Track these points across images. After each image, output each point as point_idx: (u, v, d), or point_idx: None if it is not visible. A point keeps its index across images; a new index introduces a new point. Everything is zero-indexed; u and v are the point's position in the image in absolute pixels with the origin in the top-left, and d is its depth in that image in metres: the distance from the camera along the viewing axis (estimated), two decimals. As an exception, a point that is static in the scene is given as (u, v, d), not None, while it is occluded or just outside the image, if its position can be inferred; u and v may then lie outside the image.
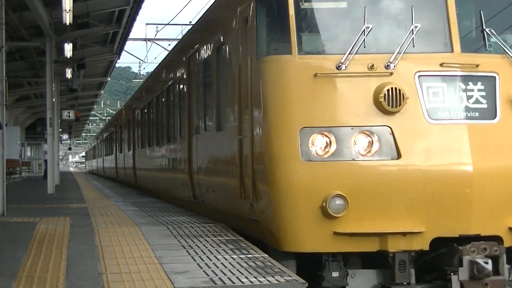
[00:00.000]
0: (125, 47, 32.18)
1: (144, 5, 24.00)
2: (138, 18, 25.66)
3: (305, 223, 7.47)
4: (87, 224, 11.32)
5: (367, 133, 7.50)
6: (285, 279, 6.47)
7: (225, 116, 10.05)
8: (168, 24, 38.08)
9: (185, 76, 13.50)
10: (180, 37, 26.85)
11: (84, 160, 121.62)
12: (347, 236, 7.41)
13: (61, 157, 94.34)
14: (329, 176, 7.42)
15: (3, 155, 13.60)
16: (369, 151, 7.47)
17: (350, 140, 7.48)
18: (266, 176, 7.86)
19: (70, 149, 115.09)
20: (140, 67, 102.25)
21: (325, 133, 7.49)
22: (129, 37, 30.72)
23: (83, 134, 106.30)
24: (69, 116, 34.65)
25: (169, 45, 35.71)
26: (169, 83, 15.92)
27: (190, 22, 32.10)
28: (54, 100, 24.64)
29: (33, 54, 29.36)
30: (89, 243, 8.94)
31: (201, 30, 12.39)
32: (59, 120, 32.38)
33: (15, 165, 38.44)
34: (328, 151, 7.47)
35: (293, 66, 7.73)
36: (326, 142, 7.49)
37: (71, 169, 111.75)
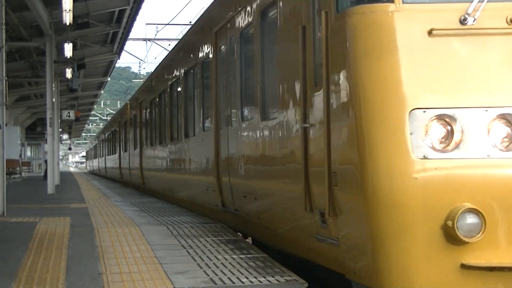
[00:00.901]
0: (125, 47, 32.23)
1: (144, 5, 24.03)
2: (138, 18, 25.69)
3: (418, 250, 5.21)
4: (87, 224, 11.32)
5: (509, 118, 5.28)
6: (285, 279, 6.47)
7: (277, 100, 7.55)
8: (168, 24, 38.17)
9: (211, 56, 10.98)
10: (180, 37, 26.44)
11: (84, 160, 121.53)
12: (482, 270, 5.17)
13: (61, 157, 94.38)
14: (455, 181, 5.20)
15: (3, 155, 13.60)
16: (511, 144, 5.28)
17: (483, 129, 5.28)
18: (354, 180, 5.54)
19: (70, 149, 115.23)
20: (140, 67, 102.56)
21: (446, 117, 5.29)
22: (129, 37, 30.74)
23: (83, 134, 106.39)
24: (69, 116, 34.67)
25: (169, 45, 35.83)
26: (188, 68, 13.39)
27: (190, 22, 32.13)
28: (54, 100, 24.66)
29: (33, 54, 29.38)
30: (89, 243, 8.94)
31: None
32: (59, 120, 32.40)
33: (15, 165, 38.47)
34: (449, 144, 5.26)
35: (397, 20, 5.44)
36: (447, 131, 5.28)
37: (71, 169, 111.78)
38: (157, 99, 18.11)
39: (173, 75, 15.35)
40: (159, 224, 11.22)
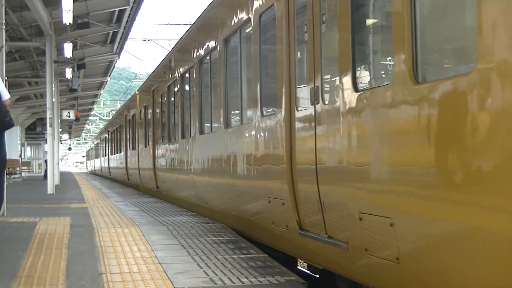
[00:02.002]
0: (125, 47, 32.27)
1: (144, 5, 24.07)
2: (138, 18, 25.70)
3: None
4: (87, 224, 11.31)
5: None
6: (285, 279, 6.47)
7: (476, 40, 4.00)
8: (168, 24, 38.25)
9: (277, 3, 7.56)
10: (179, 36, 26.10)
11: (84, 160, 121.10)
12: None
13: (61, 157, 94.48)
14: None
15: (3, 155, 13.56)
16: None
17: None
18: None
19: (70, 149, 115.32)
20: (140, 67, 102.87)
21: None
22: (129, 37, 30.78)
23: (83, 134, 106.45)
24: (69, 116, 34.67)
25: (169, 45, 35.92)
26: (230, 31, 9.90)
27: (190, 22, 32.17)
28: (54, 100, 24.66)
29: (33, 54, 29.40)
30: (89, 243, 8.93)
31: None
32: (59, 120, 32.40)
33: (15, 165, 38.47)
34: None
35: None
36: None
37: (71, 169, 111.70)
38: (178, 84, 14.48)
39: (204, 47, 11.74)
40: (159, 224, 11.21)
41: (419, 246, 4.74)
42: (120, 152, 30.42)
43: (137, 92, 24.26)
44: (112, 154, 36.62)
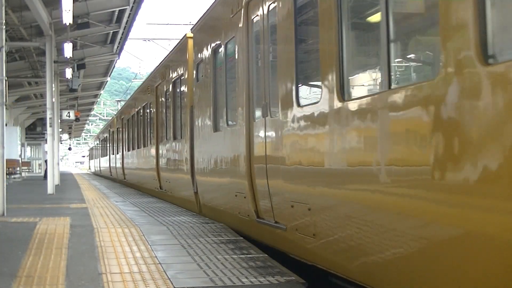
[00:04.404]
0: (125, 47, 32.29)
1: (144, 5, 24.08)
2: (138, 18, 25.70)
3: None
4: (87, 224, 11.31)
5: None
6: (285, 279, 6.47)
7: None
8: (168, 24, 38.31)
9: None
10: (180, 36, 23.37)
11: (85, 160, 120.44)
12: None
13: (61, 157, 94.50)
14: None
15: (3, 155, 13.59)
16: None
17: None
18: None
19: (70, 149, 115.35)
20: (140, 67, 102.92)
21: None
22: (129, 37, 30.81)
23: (83, 134, 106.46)
24: (69, 116, 34.69)
25: (169, 45, 35.95)
26: None
27: (190, 22, 32.20)
28: (54, 100, 24.66)
29: (33, 54, 29.42)
30: (89, 243, 8.93)
31: None
32: (59, 120, 32.41)
33: (15, 165, 38.51)
34: None
35: None
36: None
37: (71, 169, 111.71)
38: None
39: None
40: (159, 224, 11.21)
41: None
42: (145, 146, 21.18)
43: (189, 35, 13.62)
44: (129, 150, 26.44)
